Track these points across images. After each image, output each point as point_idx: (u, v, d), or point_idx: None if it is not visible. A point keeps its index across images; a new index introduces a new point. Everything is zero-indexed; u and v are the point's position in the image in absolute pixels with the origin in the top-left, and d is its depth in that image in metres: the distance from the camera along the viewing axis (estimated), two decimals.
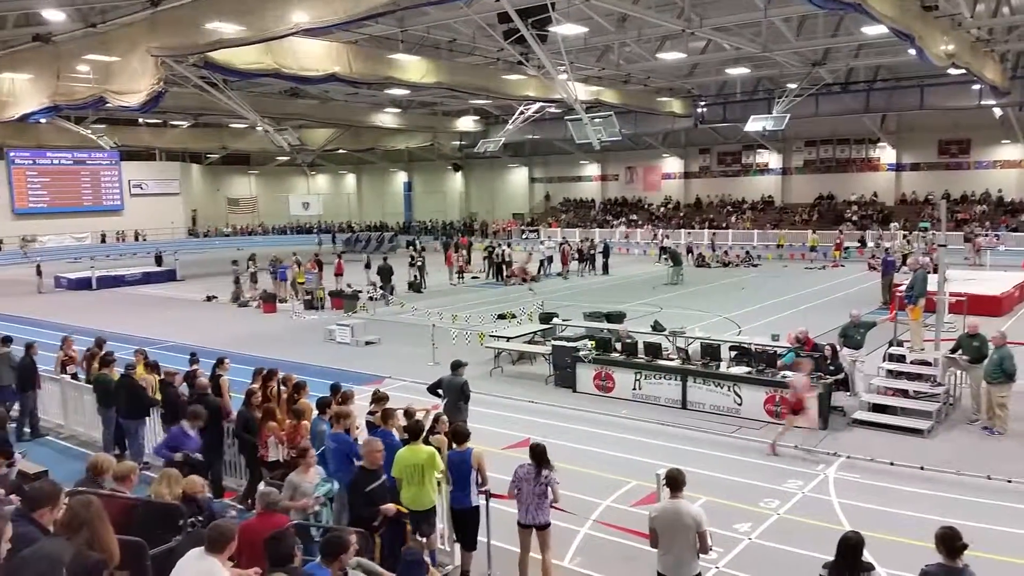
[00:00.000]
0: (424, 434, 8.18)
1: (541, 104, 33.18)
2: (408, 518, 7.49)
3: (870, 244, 38.89)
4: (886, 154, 45.26)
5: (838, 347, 13.48)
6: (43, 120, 30.36)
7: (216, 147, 54.82)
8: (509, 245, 37.60)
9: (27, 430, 13.11)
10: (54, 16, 19.61)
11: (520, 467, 7.43)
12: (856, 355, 13.51)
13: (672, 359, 14.28)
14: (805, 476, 10.40)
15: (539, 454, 7.35)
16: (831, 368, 12.80)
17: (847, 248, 38.30)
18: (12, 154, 52.04)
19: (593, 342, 15.20)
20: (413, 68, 26.25)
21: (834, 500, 9.63)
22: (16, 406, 13.54)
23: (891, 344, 13.71)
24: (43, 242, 53.07)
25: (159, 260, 40.16)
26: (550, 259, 35.06)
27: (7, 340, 13.88)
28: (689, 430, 12.52)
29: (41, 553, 4.23)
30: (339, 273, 30.44)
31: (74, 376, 13.63)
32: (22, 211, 53.73)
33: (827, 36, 27.97)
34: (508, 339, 17.41)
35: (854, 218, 44.06)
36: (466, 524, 7.80)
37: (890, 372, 13.07)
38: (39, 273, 33.92)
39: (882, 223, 42.54)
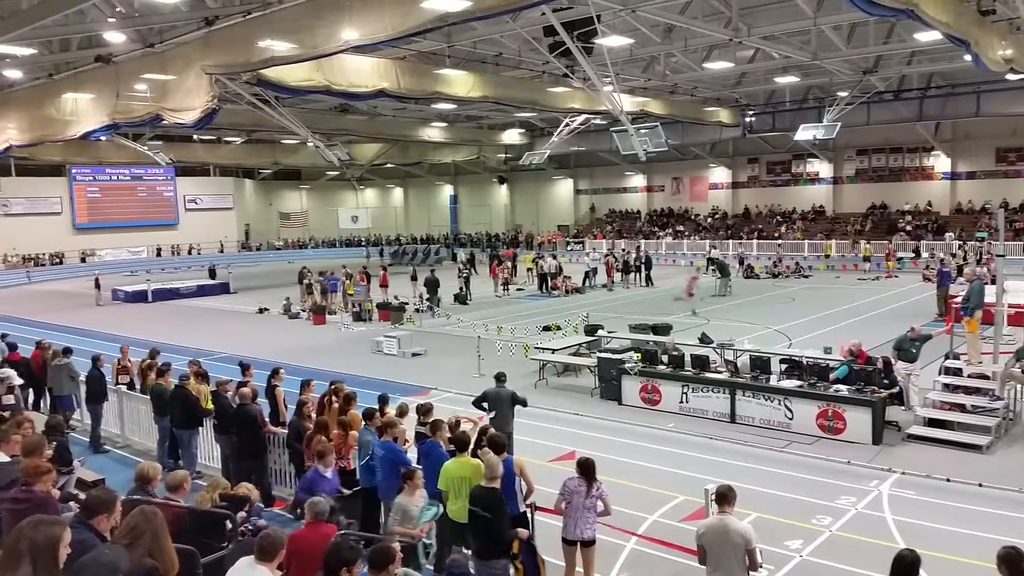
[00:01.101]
0: (472, 447, 8.21)
1: (586, 116, 33.21)
2: (454, 530, 7.50)
3: (924, 255, 37.93)
4: (940, 162, 44.10)
5: (892, 360, 13.17)
6: (103, 137, 31.39)
7: (268, 163, 55.99)
8: (554, 257, 37.60)
9: (99, 443, 13.18)
10: (115, 38, 20.31)
11: (570, 480, 7.39)
12: (910, 368, 13.19)
13: (720, 372, 14.09)
14: (858, 492, 10.15)
15: (588, 468, 7.30)
16: (885, 382, 12.51)
17: (900, 258, 37.40)
18: (74, 171, 53.81)
19: (639, 354, 15.09)
20: (460, 82, 26.50)
21: (888, 517, 9.39)
22: (75, 415, 13.99)
23: (947, 357, 13.35)
24: (101, 256, 54.74)
25: (213, 273, 40.99)
26: (595, 271, 34.95)
27: (67, 351, 14.33)
28: (738, 444, 12.33)
29: (100, 560, 4.33)
30: (384, 285, 30.83)
31: (129, 386, 13.98)
32: (82, 226, 55.50)
33: (878, 43, 27.44)
34: (553, 351, 17.39)
35: (907, 228, 43.02)
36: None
37: (946, 386, 12.72)
38: (97, 286, 34.92)
39: (936, 233, 41.45)
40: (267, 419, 10.76)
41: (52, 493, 5.91)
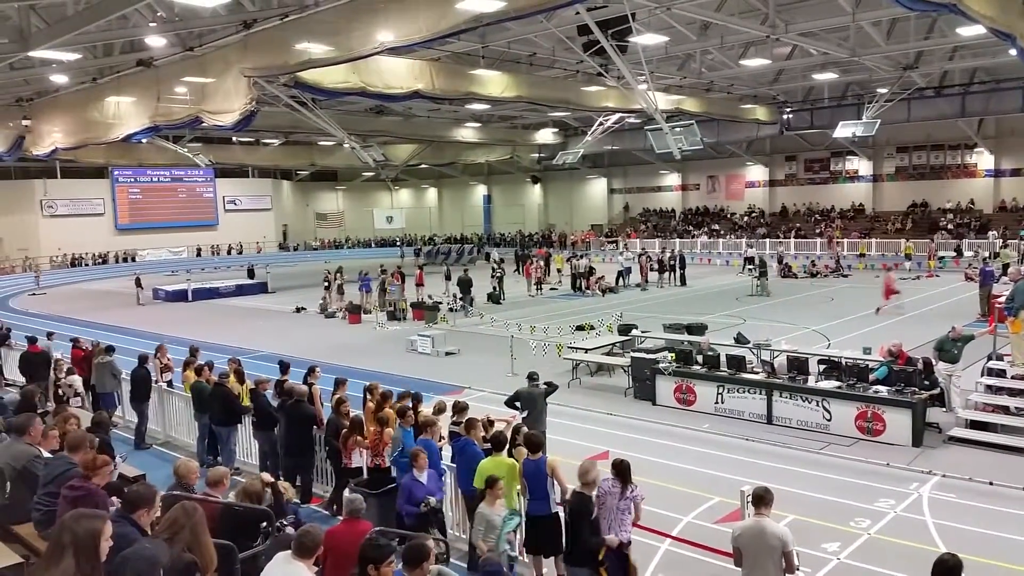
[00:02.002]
0: (507, 446, 8.24)
1: (620, 115, 33.04)
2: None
3: (968, 253, 37.11)
4: (983, 159, 43.09)
5: (933, 361, 12.92)
6: (144, 140, 32.00)
7: (305, 164, 56.69)
8: (582, 256, 37.49)
9: (143, 439, 13.36)
10: (155, 42, 20.68)
11: (604, 480, 7.32)
12: (952, 369, 12.93)
13: (757, 372, 13.95)
14: (898, 495, 9.99)
15: (624, 470, 7.21)
16: (926, 383, 12.28)
17: (942, 257, 36.63)
18: (116, 173, 54.99)
19: (673, 354, 14.99)
20: (494, 83, 26.55)
21: (929, 520, 9.23)
22: (118, 412, 14.29)
23: (990, 358, 13.06)
24: (143, 256, 55.88)
25: (251, 273, 41.51)
26: (629, 270, 34.78)
27: (110, 349, 14.65)
28: (775, 446, 12.20)
29: (141, 553, 4.43)
30: (419, 284, 31.00)
31: (169, 383, 14.25)
32: (123, 226, 56.70)
33: (919, 39, 26.92)
34: (587, 351, 17.35)
35: (949, 226, 42.13)
36: (547, 531, 7.77)
37: (989, 387, 12.44)
38: (139, 285, 35.58)
39: (979, 231, 40.52)
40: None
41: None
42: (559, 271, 34.99)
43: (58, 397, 13.24)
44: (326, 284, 30.51)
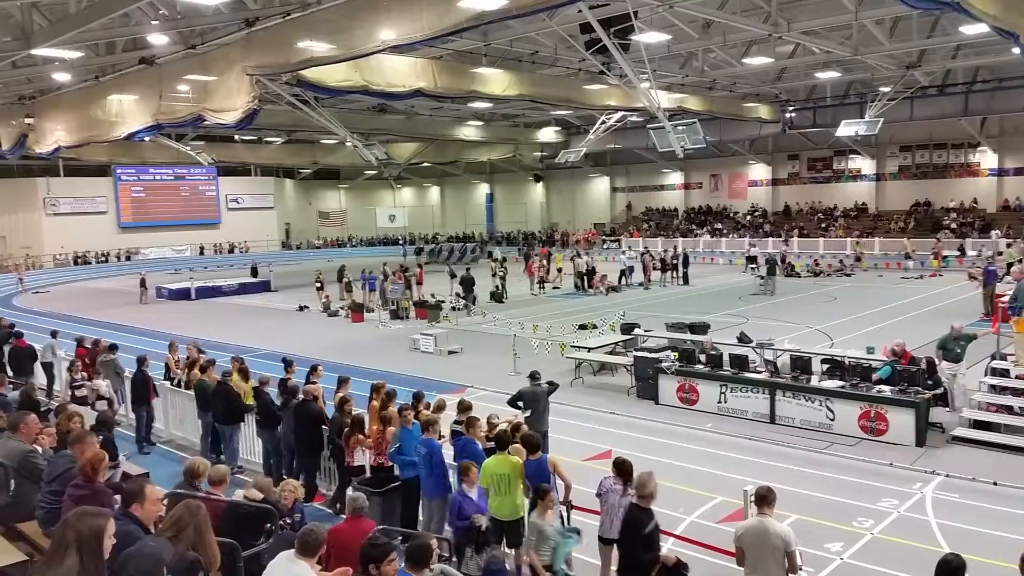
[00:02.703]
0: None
1: (623, 113, 33.00)
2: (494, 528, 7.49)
3: (970, 252, 37.03)
4: (987, 159, 42.99)
5: (936, 360, 12.90)
6: (147, 138, 32.00)
7: (308, 162, 56.72)
8: (588, 255, 37.46)
9: (146, 443, 13.23)
10: (158, 40, 20.69)
11: (606, 479, 7.41)
12: (955, 369, 12.90)
13: (760, 372, 13.92)
14: (901, 495, 9.98)
15: (625, 469, 7.30)
16: (929, 382, 12.25)
17: (945, 257, 36.57)
18: (119, 171, 55.00)
19: (676, 353, 14.97)
20: (496, 81, 26.53)
21: (932, 520, 9.22)
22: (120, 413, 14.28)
23: (994, 358, 13.03)
24: (145, 254, 55.92)
25: (254, 272, 41.58)
26: (631, 269, 34.75)
27: (113, 348, 14.68)
28: (778, 445, 12.19)
29: (145, 551, 4.43)
30: (419, 283, 31.03)
31: (179, 383, 14.22)
32: (126, 225, 56.73)
33: (922, 37, 26.84)
34: (589, 350, 17.34)
35: (953, 226, 42.05)
36: None
37: (993, 387, 12.41)
38: (143, 285, 35.46)
39: (982, 231, 40.42)
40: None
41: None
42: (559, 270, 34.97)
43: (76, 397, 13.07)
44: (318, 285, 30.55)
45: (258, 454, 11.67)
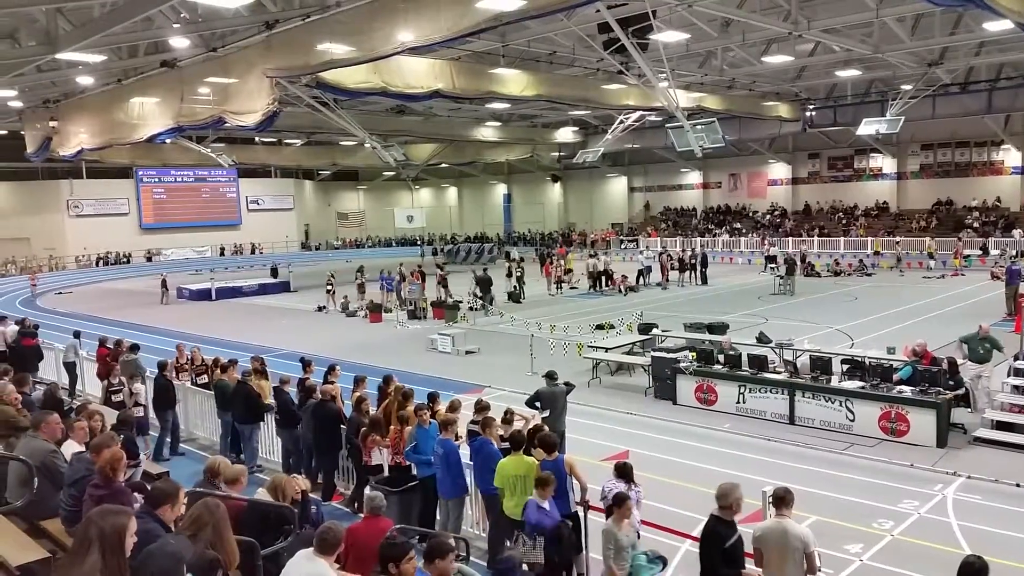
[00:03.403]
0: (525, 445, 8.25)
1: (641, 113, 32.93)
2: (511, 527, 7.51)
3: (993, 252, 36.55)
4: (1011, 156, 42.43)
5: (959, 358, 12.76)
6: (168, 140, 32.34)
7: (327, 164, 57.08)
8: (606, 254, 37.36)
9: (166, 450, 13.00)
10: (179, 43, 20.91)
11: (608, 482, 7.55)
12: (980, 370, 12.75)
13: (779, 372, 13.84)
14: (921, 496, 9.88)
15: (626, 472, 7.53)
16: (950, 383, 12.13)
17: (968, 256, 36.14)
18: (140, 173, 55.62)
19: (694, 353, 14.91)
20: (514, 82, 26.55)
21: (953, 522, 9.12)
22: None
23: (1016, 358, 12.88)
24: (166, 255, 56.51)
25: (274, 272, 41.85)
26: (649, 269, 34.64)
27: (135, 347, 14.82)
28: (797, 446, 12.11)
29: (166, 549, 4.48)
30: (439, 283, 31.08)
31: (195, 383, 14.33)
32: (148, 226, 57.35)
33: (944, 35, 26.51)
34: (607, 350, 17.31)
35: (975, 224, 41.54)
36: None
37: (1016, 388, 12.26)
38: (164, 286, 35.77)
39: (1005, 230, 39.89)
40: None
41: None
42: (570, 271, 34.87)
43: (113, 403, 12.98)
44: (328, 288, 30.68)
45: (277, 453, 11.76)
